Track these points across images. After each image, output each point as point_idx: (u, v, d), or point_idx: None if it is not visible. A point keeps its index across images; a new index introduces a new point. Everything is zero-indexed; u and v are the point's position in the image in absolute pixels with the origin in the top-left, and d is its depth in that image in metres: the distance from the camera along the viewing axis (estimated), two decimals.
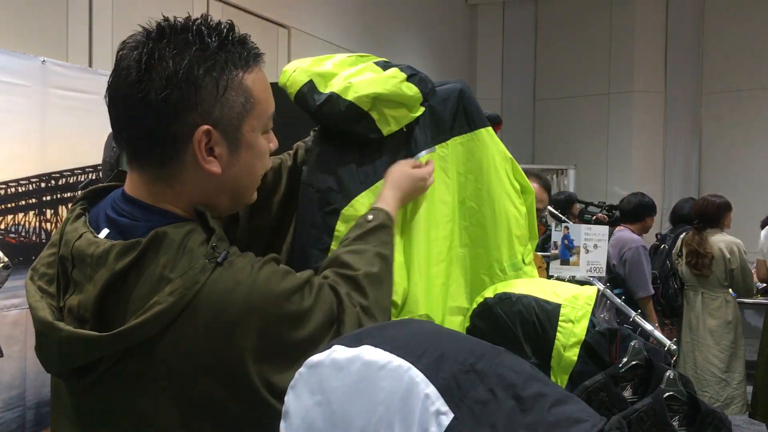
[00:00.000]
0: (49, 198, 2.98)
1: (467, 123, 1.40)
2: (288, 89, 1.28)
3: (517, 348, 1.24)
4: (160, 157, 1.00)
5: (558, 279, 3.25)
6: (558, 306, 1.26)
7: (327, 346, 0.82)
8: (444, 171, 1.38)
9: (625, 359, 1.17)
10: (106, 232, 1.01)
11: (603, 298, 3.48)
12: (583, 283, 2.53)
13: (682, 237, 4.81)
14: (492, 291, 1.34)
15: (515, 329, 1.26)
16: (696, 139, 8.49)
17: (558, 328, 1.24)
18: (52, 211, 3.00)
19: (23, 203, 2.90)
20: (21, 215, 2.90)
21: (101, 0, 4.14)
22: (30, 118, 2.87)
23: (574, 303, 1.26)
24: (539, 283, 1.35)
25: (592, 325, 1.24)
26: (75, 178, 3.08)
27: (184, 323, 0.93)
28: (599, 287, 3.24)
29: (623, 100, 8.58)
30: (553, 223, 3.76)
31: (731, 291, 4.70)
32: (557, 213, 4.58)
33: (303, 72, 1.28)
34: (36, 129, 2.90)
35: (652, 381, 1.14)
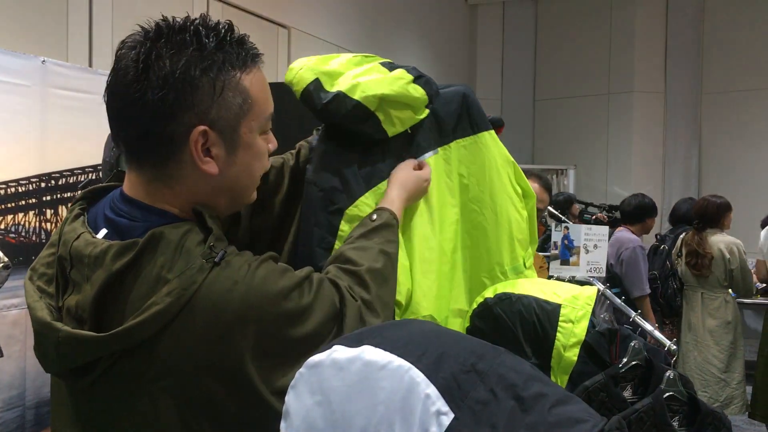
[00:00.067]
0: (49, 198, 2.97)
1: (470, 126, 1.40)
2: (294, 87, 1.28)
3: (517, 348, 1.24)
4: (157, 158, 1.00)
5: (558, 279, 3.25)
6: (558, 306, 1.26)
7: (327, 346, 0.82)
8: (447, 174, 1.38)
9: (625, 359, 1.17)
10: (104, 232, 1.01)
11: (603, 298, 3.48)
12: (583, 284, 2.53)
13: (681, 237, 4.81)
14: (492, 291, 1.34)
15: (515, 329, 1.26)
16: (696, 139, 8.49)
17: (558, 328, 1.24)
18: (52, 211, 3.00)
19: (23, 203, 2.89)
20: (21, 215, 2.89)
21: (101, 0, 4.15)
22: (30, 118, 2.87)
23: (574, 303, 1.26)
24: (539, 284, 1.35)
25: (592, 326, 1.24)
26: (75, 178, 3.07)
27: (182, 323, 0.93)
28: (599, 287, 3.24)
29: (623, 100, 8.58)
30: (553, 224, 3.76)
31: (731, 291, 4.70)
32: (557, 213, 4.58)
33: (309, 70, 1.27)
34: (36, 129, 2.89)
35: (652, 381, 1.14)
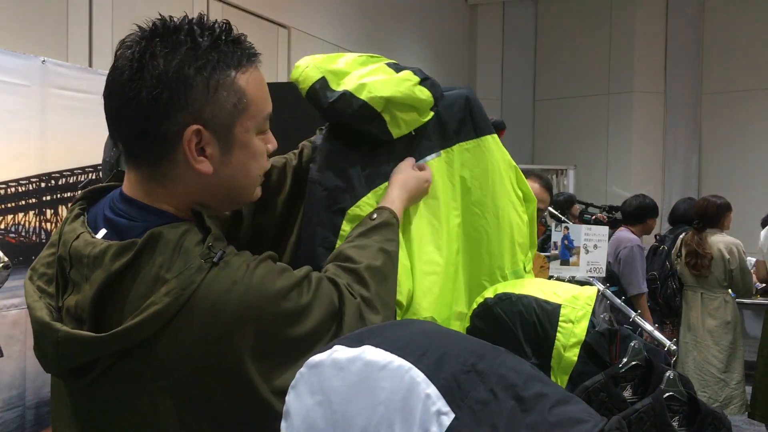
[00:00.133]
0: (49, 198, 2.97)
1: (473, 129, 1.39)
2: (300, 85, 1.27)
3: (518, 348, 1.24)
4: (152, 157, 1.00)
5: (558, 279, 3.25)
6: (558, 306, 1.26)
7: (328, 346, 0.82)
8: (449, 176, 1.37)
9: (625, 359, 1.17)
10: (103, 232, 1.01)
11: (603, 298, 3.48)
12: (583, 284, 2.53)
13: (681, 237, 4.81)
14: (492, 291, 1.34)
15: (515, 329, 1.27)
16: (696, 139, 8.49)
17: (558, 328, 1.24)
18: (52, 211, 3.00)
19: (23, 203, 2.89)
20: (21, 215, 2.89)
21: (101, 0, 4.15)
22: (30, 118, 2.87)
23: (574, 303, 1.26)
24: (539, 284, 1.35)
25: (592, 326, 1.24)
26: (75, 178, 3.07)
27: (180, 324, 0.93)
28: (599, 287, 3.24)
29: (623, 100, 8.58)
30: (553, 224, 3.76)
31: (730, 291, 4.70)
32: (557, 213, 4.58)
33: (316, 68, 1.27)
34: (36, 129, 2.89)
35: (652, 381, 1.14)
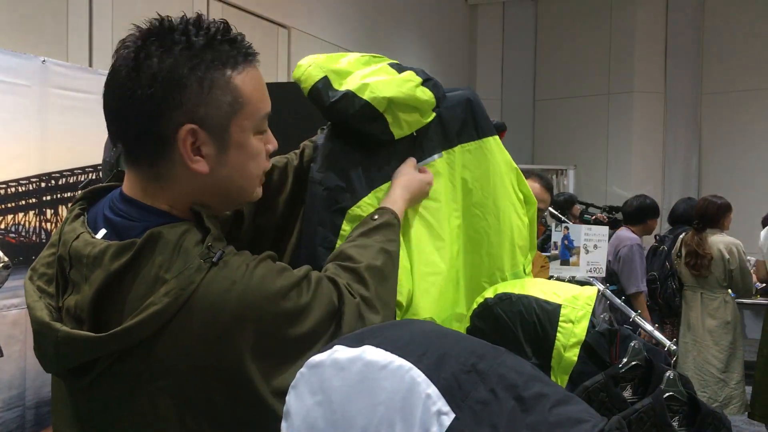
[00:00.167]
0: (49, 198, 2.97)
1: (475, 131, 1.39)
2: (302, 84, 1.27)
3: (518, 348, 1.24)
4: (149, 156, 1.00)
5: (558, 279, 3.25)
6: (558, 306, 1.26)
7: (328, 346, 0.82)
8: (450, 178, 1.37)
9: (625, 359, 1.17)
10: (103, 232, 1.01)
11: (603, 298, 3.48)
12: (583, 284, 2.53)
13: (681, 237, 4.81)
14: (492, 291, 1.34)
15: (515, 329, 1.27)
16: (696, 139, 8.50)
17: (558, 328, 1.24)
18: (52, 211, 3.00)
19: (23, 203, 2.89)
20: (21, 215, 2.89)
21: (101, 0, 4.15)
22: (30, 118, 2.87)
23: (574, 303, 1.26)
24: (539, 284, 1.35)
25: (592, 326, 1.24)
26: (75, 178, 3.07)
27: (180, 324, 0.93)
28: (599, 288, 3.24)
29: (623, 100, 8.58)
30: (553, 224, 3.77)
31: (730, 291, 4.70)
32: (557, 214, 4.59)
33: (318, 67, 1.26)
34: (36, 129, 2.89)
35: (652, 381, 1.14)
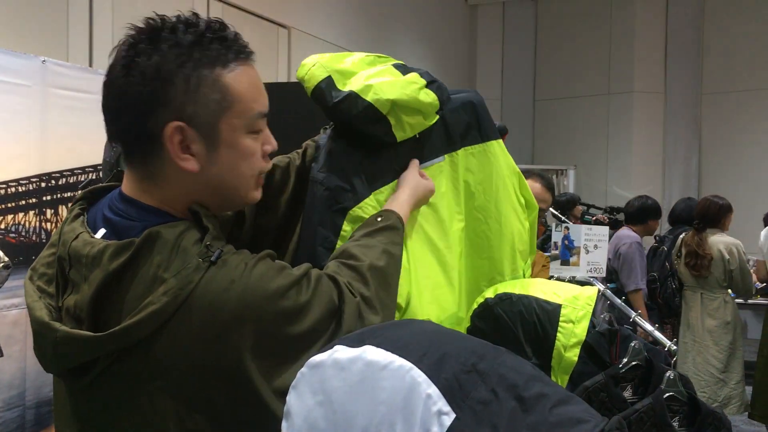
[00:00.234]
0: (49, 198, 2.98)
1: (479, 134, 1.39)
2: (305, 83, 1.27)
3: (518, 348, 1.24)
4: (143, 155, 1.01)
5: (558, 279, 3.25)
6: (558, 306, 1.26)
7: (329, 345, 0.82)
8: (452, 181, 1.37)
9: (625, 359, 1.17)
10: (102, 232, 1.01)
11: (603, 298, 3.48)
12: (584, 284, 2.53)
13: (681, 237, 4.81)
14: (492, 291, 1.34)
15: (516, 329, 1.27)
16: (696, 139, 8.49)
17: (558, 328, 1.24)
18: (52, 211, 3.00)
19: (23, 203, 2.90)
20: (21, 215, 2.89)
21: (101, 0, 4.15)
22: (30, 118, 2.87)
23: (574, 303, 1.26)
24: (540, 284, 1.35)
25: (592, 326, 1.24)
26: (75, 178, 3.08)
27: (178, 323, 0.93)
28: (600, 288, 3.23)
29: (623, 100, 8.58)
30: (554, 224, 3.76)
31: (730, 291, 4.70)
32: (557, 214, 4.59)
33: (322, 67, 1.26)
34: (36, 129, 2.90)
35: (652, 381, 1.14)
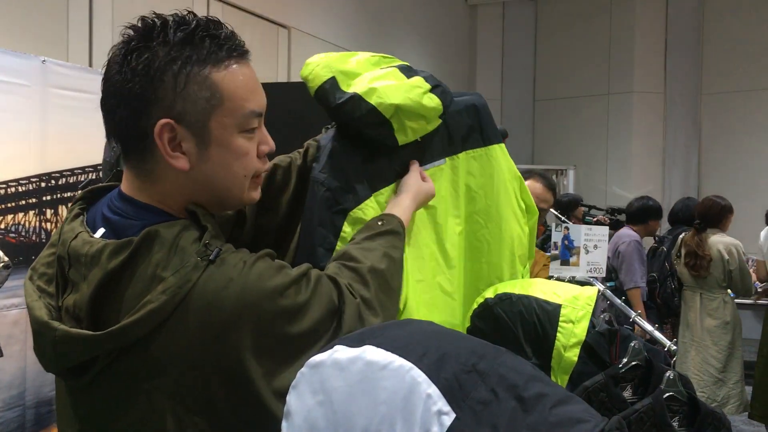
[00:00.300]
0: (49, 198, 2.98)
1: (481, 137, 1.38)
2: (309, 83, 1.27)
3: (518, 348, 1.24)
4: (138, 153, 1.01)
5: (558, 279, 3.25)
6: (558, 306, 1.26)
7: (329, 345, 0.82)
8: (452, 184, 1.36)
9: (625, 359, 1.17)
10: (101, 231, 1.02)
11: (603, 298, 3.47)
12: (584, 284, 2.53)
13: (681, 237, 4.81)
14: (492, 291, 1.34)
15: (516, 330, 1.27)
16: (696, 139, 8.50)
17: (558, 328, 1.24)
18: (52, 211, 3.00)
19: (23, 203, 2.89)
20: (21, 215, 2.89)
21: (101, 0, 4.15)
22: (30, 118, 2.87)
23: (574, 303, 1.26)
24: (539, 284, 1.35)
25: (592, 326, 1.24)
26: (75, 178, 3.08)
27: (177, 322, 0.93)
28: (599, 288, 3.23)
29: (623, 100, 8.58)
30: (553, 224, 3.76)
31: (729, 291, 4.70)
32: (557, 214, 4.59)
33: (326, 67, 1.26)
34: (36, 129, 2.89)
35: (652, 381, 1.14)
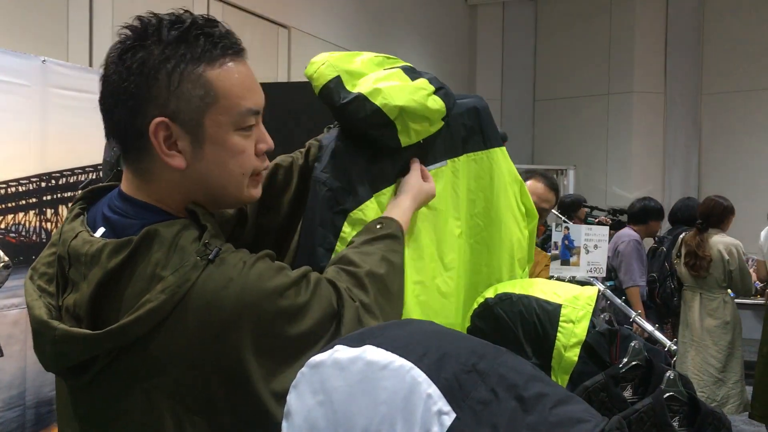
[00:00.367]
0: (49, 198, 2.98)
1: (483, 141, 1.38)
2: (313, 81, 1.27)
3: (518, 348, 1.24)
4: (135, 152, 1.01)
5: (558, 279, 3.25)
6: (558, 306, 1.26)
7: (329, 345, 0.82)
8: (453, 186, 1.36)
9: (625, 359, 1.17)
10: (101, 230, 1.02)
11: (603, 298, 3.48)
12: (584, 284, 2.53)
13: (681, 237, 4.81)
14: (492, 291, 1.34)
15: (516, 329, 1.27)
16: (696, 139, 8.50)
17: (558, 328, 1.24)
18: (52, 211, 3.00)
19: (23, 203, 2.90)
20: (21, 215, 2.90)
21: (101, 0, 4.15)
22: (30, 118, 2.87)
23: (574, 303, 1.26)
24: (540, 284, 1.35)
25: (592, 326, 1.24)
26: (75, 177, 3.08)
27: (176, 321, 0.93)
28: (600, 288, 3.23)
29: (623, 100, 8.58)
30: (554, 224, 3.76)
31: (729, 291, 4.70)
32: (558, 215, 4.60)
33: (331, 66, 1.26)
34: (36, 129, 2.90)
35: (652, 381, 1.14)
